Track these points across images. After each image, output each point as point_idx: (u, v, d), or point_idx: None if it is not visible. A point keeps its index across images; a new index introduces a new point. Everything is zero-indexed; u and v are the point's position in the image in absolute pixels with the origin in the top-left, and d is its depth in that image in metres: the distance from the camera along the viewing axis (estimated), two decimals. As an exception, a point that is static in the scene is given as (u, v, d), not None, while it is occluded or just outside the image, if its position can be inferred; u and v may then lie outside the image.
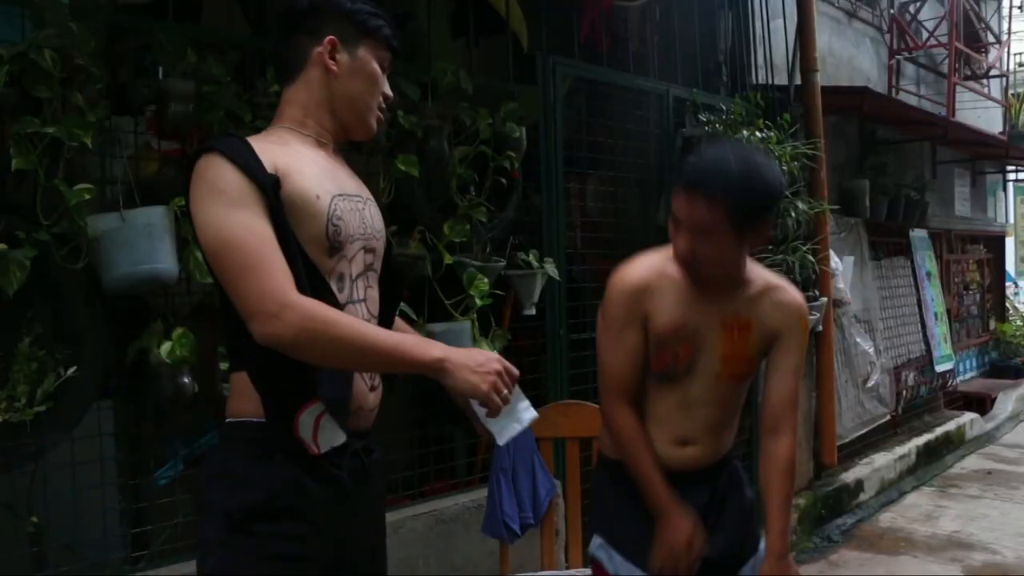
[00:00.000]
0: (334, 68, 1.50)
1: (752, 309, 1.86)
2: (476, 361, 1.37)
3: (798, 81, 4.92)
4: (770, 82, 4.78)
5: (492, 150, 3.04)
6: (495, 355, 1.43)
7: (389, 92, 1.59)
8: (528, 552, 2.85)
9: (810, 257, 4.56)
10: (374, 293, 1.53)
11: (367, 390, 1.48)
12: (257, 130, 2.36)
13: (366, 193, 1.59)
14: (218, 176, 1.35)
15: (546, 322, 3.41)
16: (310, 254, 1.39)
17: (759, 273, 1.91)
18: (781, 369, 1.88)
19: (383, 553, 1.63)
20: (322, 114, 1.53)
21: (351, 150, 2.66)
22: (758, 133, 4.19)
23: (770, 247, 4.33)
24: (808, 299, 4.62)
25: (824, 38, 5.51)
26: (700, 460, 1.90)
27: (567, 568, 2.59)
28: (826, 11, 5.79)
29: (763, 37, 4.82)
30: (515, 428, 1.53)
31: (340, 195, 1.47)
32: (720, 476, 1.94)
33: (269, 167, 1.37)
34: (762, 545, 1.92)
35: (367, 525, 1.53)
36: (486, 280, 2.95)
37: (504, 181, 3.12)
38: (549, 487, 2.53)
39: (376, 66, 1.54)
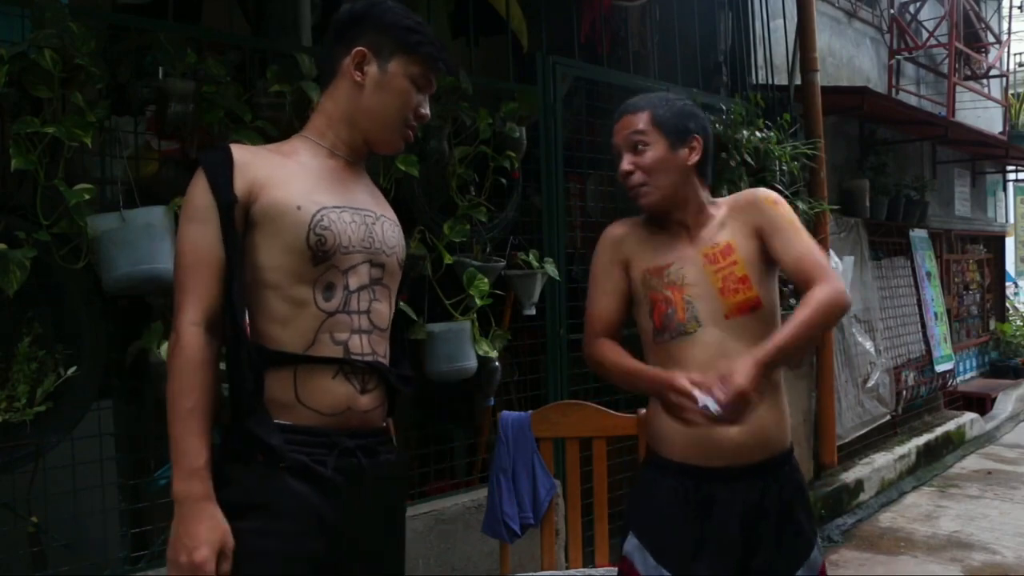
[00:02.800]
0: (360, 80, 1.52)
1: (725, 231, 1.84)
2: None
3: (798, 81, 4.92)
4: (770, 82, 4.78)
5: (492, 150, 3.05)
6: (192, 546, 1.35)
7: (425, 111, 1.58)
8: (528, 552, 2.85)
9: (810, 257, 4.56)
10: (381, 307, 1.54)
11: (356, 393, 1.47)
12: (258, 129, 2.38)
13: (383, 210, 1.60)
14: (191, 190, 1.44)
15: (546, 322, 3.41)
16: (285, 264, 1.43)
17: (722, 203, 1.91)
18: (782, 246, 1.79)
19: (396, 556, 1.61)
20: (343, 126, 1.55)
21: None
22: (758, 133, 4.19)
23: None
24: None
25: (824, 38, 5.51)
26: (743, 447, 1.75)
27: (567, 568, 2.58)
28: (826, 11, 5.79)
29: (763, 37, 4.82)
30: None
31: (337, 207, 1.48)
32: (769, 475, 1.79)
33: (245, 183, 1.42)
34: (815, 552, 1.82)
35: (371, 526, 1.51)
36: (486, 280, 2.95)
37: (504, 181, 3.12)
38: (549, 487, 2.52)
39: (407, 82, 1.54)
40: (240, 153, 1.46)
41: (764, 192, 1.88)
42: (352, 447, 1.47)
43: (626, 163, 1.84)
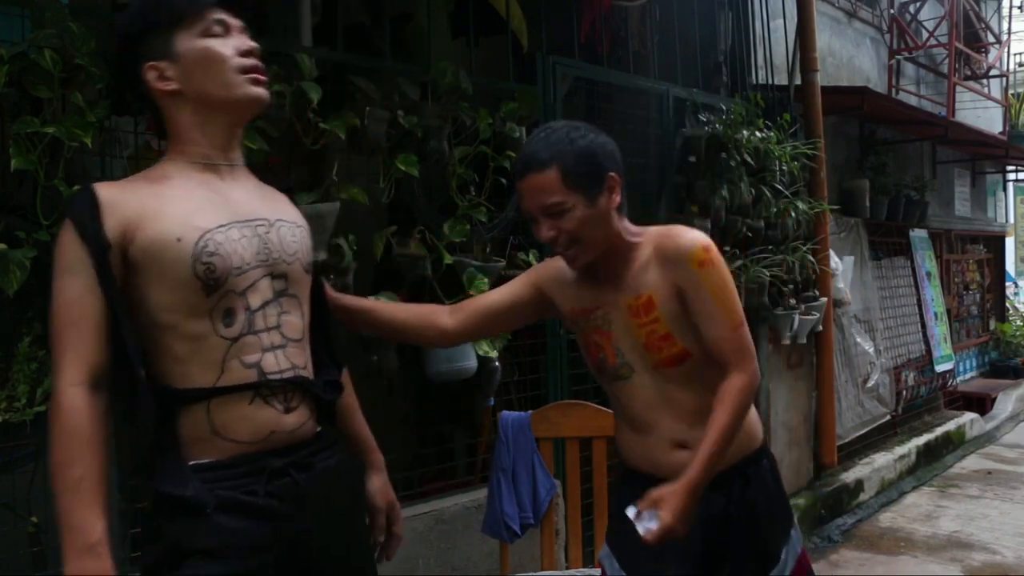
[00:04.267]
0: (172, 87, 1.41)
1: (648, 280, 1.70)
2: None
3: (798, 81, 4.92)
4: (770, 82, 4.78)
5: (492, 150, 3.04)
6: None
7: (244, 44, 1.45)
8: (528, 552, 2.85)
9: (810, 257, 4.57)
10: (293, 318, 1.45)
11: (279, 414, 1.40)
12: (258, 130, 2.38)
13: (278, 214, 1.48)
14: (59, 241, 1.34)
15: (546, 322, 3.41)
16: (176, 301, 1.33)
17: (648, 237, 1.74)
18: (700, 319, 1.67)
19: (363, 555, 1.57)
20: (197, 133, 1.43)
21: (350, 150, 2.67)
22: (758, 133, 4.19)
23: (770, 247, 4.33)
24: (808, 299, 4.63)
25: (824, 38, 5.51)
26: None
27: (567, 568, 2.58)
28: (826, 11, 5.79)
29: (763, 37, 4.82)
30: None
31: (222, 226, 1.37)
32: (735, 481, 1.77)
33: (117, 223, 1.32)
34: (783, 554, 1.80)
35: (328, 535, 1.44)
36: (486, 280, 2.94)
37: (504, 181, 3.12)
38: (549, 487, 2.52)
39: (202, 43, 1.41)
40: (107, 192, 1.34)
41: (692, 246, 1.67)
42: (282, 466, 1.39)
43: (546, 230, 1.67)
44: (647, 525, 1.57)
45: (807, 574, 1.86)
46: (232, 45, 1.44)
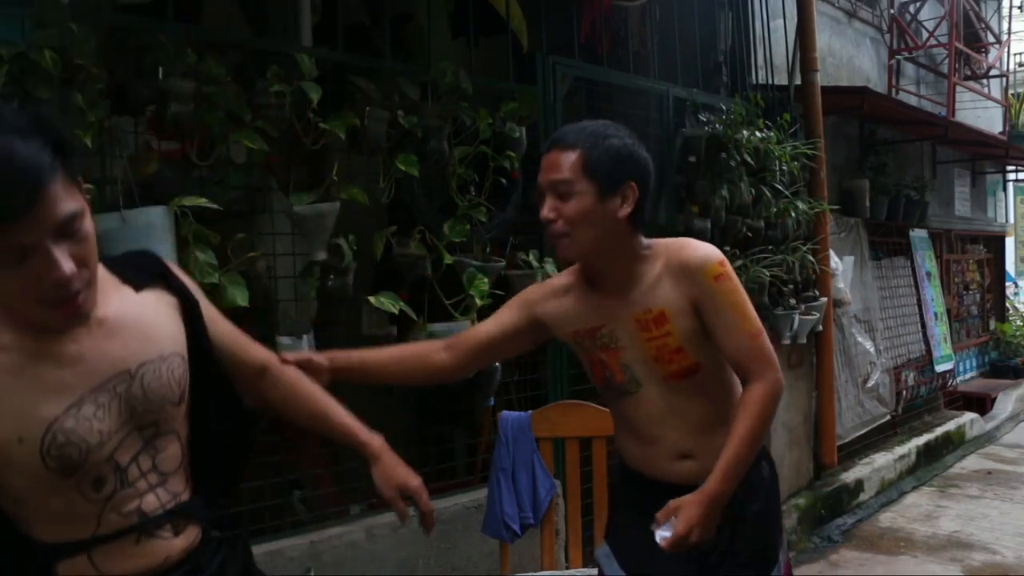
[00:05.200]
0: None
1: (659, 295, 1.67)
2: None
3: (798, 81, 4.92)
4: (770, 82, 4.78)
5: (492, 150, 3.04)
6: None
7: (56, 274, 1.11)
8: (528, 552, 2.85)
9: (810, 257, 4.57)
10: (169, 452, 1.32)
11: (168, 540, 1.31)
12: (258, 130, 2.38)
13: (144, 354, 1.27)
14: None
15: (546, 322, 3.40)
16: (33, 489, 1.19)
17: (658, 251, 1.71)
18: (719, 331, 1.66)
19: None
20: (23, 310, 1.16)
21: (350, 150, 2.67)
22: (758, 133, 4.19)
23: (769, 247, 4.33)
24: (808, 299, 4.63)
25: (824, 38, 5.51)
26: (693, 475, 1.71)
27: (567, 568, 2.58)
28: (826, 11, 5.79)
29: (763, 37, 4.82)
30: None
31: (72, 406, 1.18)
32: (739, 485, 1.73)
33: None
34: (782, 556, 1.81)
35: None
36: (486, 280, 2.95)
37: (504, 181, 3.12)
38: (549, 487, 2.52)
39: None
40: None
41: (708, 260, 1.66)
42: None
43: (547, 209, 1.65)
44: (662, 533, 1.59)
45: None
46: (35, 270, 1.11)
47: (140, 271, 1.36)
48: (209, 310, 1.45)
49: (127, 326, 1.27)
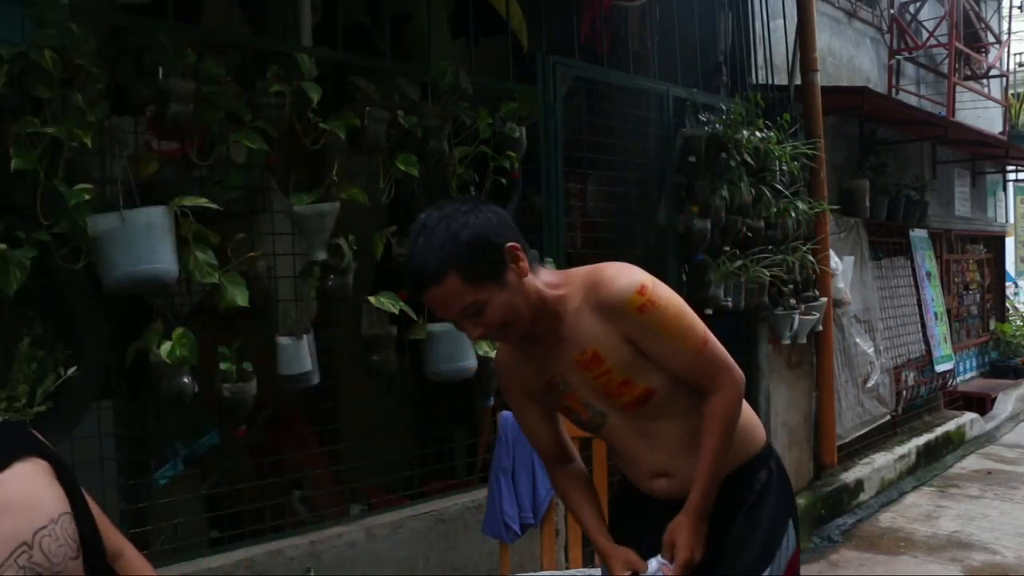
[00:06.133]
0: None
1: (588, 334, 1.61)
2: None
3: (798, 81, 4.92)
4: (770, 82, 4.78)
5: (492, 150, 3.04)
6: None
7: None
8: (528, 552, 2.85)
9: (810, 257, 4.57)
10: None
11: None
12: (258, 130, 2.38)
13: (37, 522, 1.27)
14: None
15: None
16: None
17: (571, 282, 1.65)
18: (660, 358, 1.61)
19: None
20: None
21: (350, 150, 2.67)
22: (758, 133, 4.19)
23: (770, 247, 4.33)
24: (808, 299, 4.63)
25: (824, 38, 5.51)
26: (685, 487, 1.70)
27: (567, 568, 2.58)
28: (826, 11, 5.79)
29: (763, 37, 4.82)
30: None
31: None
32: (722, 498, 1.71)
33: None
34: (781, 556, 1.77)
35: None
36: (486, 280, 2.94)
37: (504, 181, 3.12)
38: (549, 487, 2.52)
39: None
40: None
41: (625, 295, 1.58)
42: None
43: (472, 329, 1.58)
44: (669, 565, 1.68)
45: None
46: None
47: (6, 447, 1.35)
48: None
49: (12, 502, 1.27)
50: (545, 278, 1.65)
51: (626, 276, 1.60)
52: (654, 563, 1.70)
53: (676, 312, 1.61)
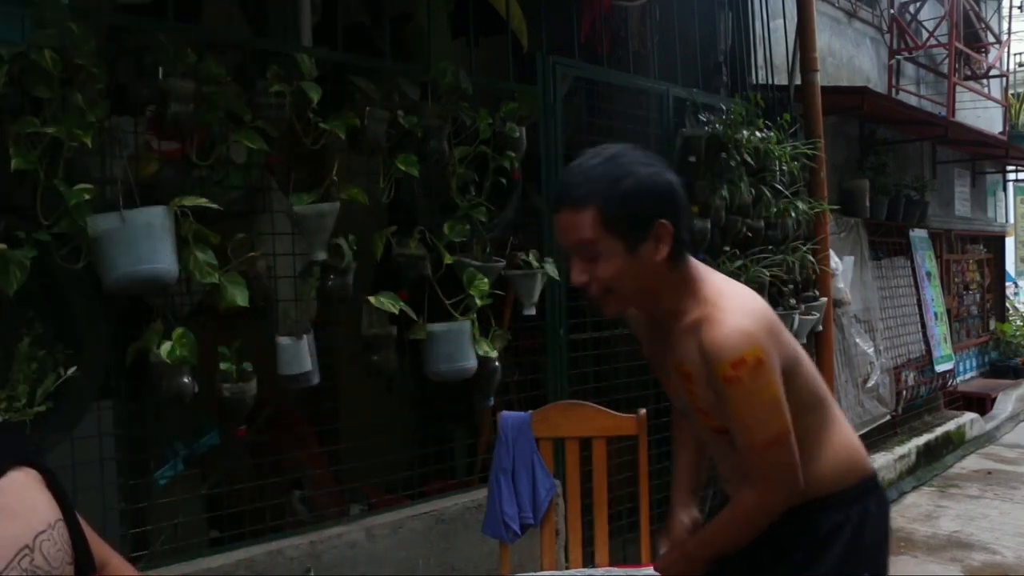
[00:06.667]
0: None
1: (689, 353, 1.54)
2: None
3: (798, 81, 4.92)
4: (770, 82, 4.78)
5: (492, 150, 3.04)
6: None
7: None
8: (528, 552, 2.85)
9: (810, 257, 4.56)
10: None
11: None
12: (258, 130, 2.38)
13: (37, 527, 1.29)
14: None
15: (546, 322, 3.41)
16: None
17: (698, 299, 1.56)
18: (730, 427, 1.54)
19: None
20: None
21: (350, 150, 2.67)
22: (758, 133, 4.19)
23: (770, 247, 4.33)
24: (808, 299, 4.63)
25: (824, 38, 5.51)
26: None
27: (567, 568, 2.58)
28: (826, 11, 5.79)
29: (763, 37, 4.82)
30: None
31: None
32: (761, 544, 1.59)
33: None
34: None
35: None
36: (486, 280, 2.95)
37: (504, 181, 3.12)
38: (549, 487, 2.52)
39: None
40: None
41: (721, 357, 1.46)
42: None
43: (578, 273, 1.51)
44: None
45: None
46: None
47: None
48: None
49: (13, 507, 1.29)
50: (688, 272, 1.57)
51: (735, 339, 1.46)
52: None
53: (759, 400, 1.48)
